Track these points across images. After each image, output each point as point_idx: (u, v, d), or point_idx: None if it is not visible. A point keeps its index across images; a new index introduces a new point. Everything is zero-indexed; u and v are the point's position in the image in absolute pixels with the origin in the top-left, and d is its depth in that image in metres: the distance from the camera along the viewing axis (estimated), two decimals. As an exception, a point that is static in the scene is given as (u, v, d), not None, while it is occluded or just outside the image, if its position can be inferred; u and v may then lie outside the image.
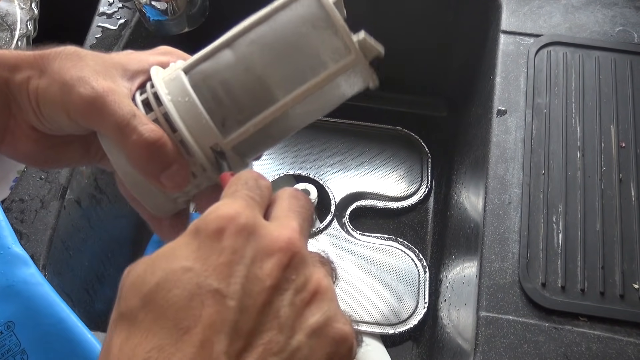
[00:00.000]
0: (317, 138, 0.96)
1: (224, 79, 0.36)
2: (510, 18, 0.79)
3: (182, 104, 0.36)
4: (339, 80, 0.38)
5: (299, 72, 0.36)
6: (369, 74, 0.38)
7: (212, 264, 0.29)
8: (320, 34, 0.37)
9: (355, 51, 0.37)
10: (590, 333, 0.57)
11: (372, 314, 0.81)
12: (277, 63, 0.36)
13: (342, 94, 0.39)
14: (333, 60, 0.37)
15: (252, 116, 0.37)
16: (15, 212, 0.65)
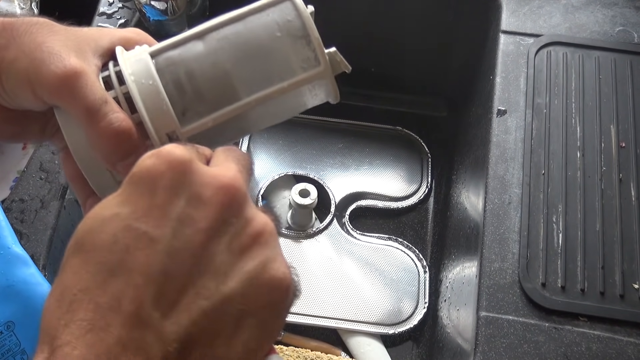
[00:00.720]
0: (317, 138, 0.96)
1: (190, 70, 0.36)
2: (510, 18, 0.79)
3: (145, 86, 0.36)
4: (304, 89, 0.38)
5: (266, 74, 0.37)
6: (333, 88, 0.39)
7: (142, 206, 0.28)
8: (294, 42, 0.37)
9: (324, 63, 0.38)
10: (590, 333, 0.57)
11: (372, 314, 0.81)
12: (246, 62, 0.37)
13: (304, 103, 0.39)
14: (302, 68, 0.37)
15: (213, 110, 0.37)
16: (15, 212, 0.65)
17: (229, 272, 0.28)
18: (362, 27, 0.94)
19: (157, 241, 0.27)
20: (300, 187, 0.85)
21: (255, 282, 0.29)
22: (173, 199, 0.28)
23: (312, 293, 0.82)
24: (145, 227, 0.27)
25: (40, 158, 0.69)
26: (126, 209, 0.28)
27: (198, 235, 0.28)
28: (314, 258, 0.85)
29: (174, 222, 0.28)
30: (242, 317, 0.29)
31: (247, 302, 0.29)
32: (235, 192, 0.29)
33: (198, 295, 0.27)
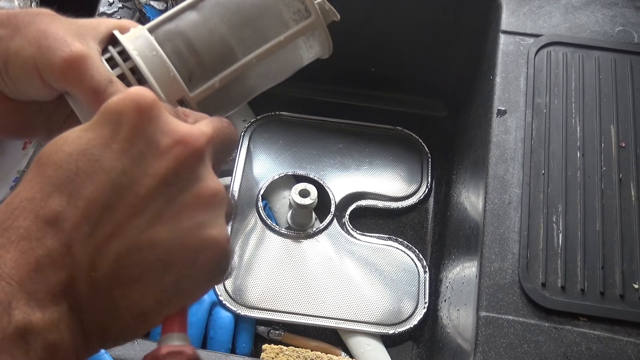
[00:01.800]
0: (317, 138, 0.96)
1: (189, 38, 0.38)
2: (510, 18, 0.79)
3: (150, 58, 0.37)
4: (299, 42, 0.39)
5: (262, 32, 0.38)
6: (327, 38, 0.40)
7: (103, 136, 0.29)
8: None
9: (315, 14, 0.39)
10: (590, 333, 0.57)
11: (372, 314, 0.81)
12: (241, 23, 0.38)
13: (300, 57, 0.41)
14: (294, 21, 0.39)
15: (216, 74, 0.38)
16: (15, 212, 0.65)
17: (162, 222, 0.29)
18: (362, 27, 0.94)
19: (107, 172, 0.28)
20: (300, 187, 0.85)
21: (184, 239, 0.30)
22: (133, 138, 0.29)
23: (312, 293, 0.82)
24: (99, 156, 0.28)
25: (40, 158, 0.69)
26: (88, 134, 0.29)
27: (146, 179, 0.29)
28: (314, 258, 0.85)
29: (127, 160, 0.29)
30: (163, 268, 0.29)
31: (171, 256, 0.29)
32: (193, 149, 0.30)
33: (129, 233, 0.28)
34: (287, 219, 0.89)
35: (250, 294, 0.81)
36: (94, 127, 0.29)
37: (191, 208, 0.30)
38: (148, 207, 0.29)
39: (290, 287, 0.82)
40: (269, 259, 0.84)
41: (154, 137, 0.29)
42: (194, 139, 0.30)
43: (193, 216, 0.30)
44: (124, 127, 0.29)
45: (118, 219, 0.28)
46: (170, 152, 0.29)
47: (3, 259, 0.27)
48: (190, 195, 0.30)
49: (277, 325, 0.81)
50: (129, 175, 0.29)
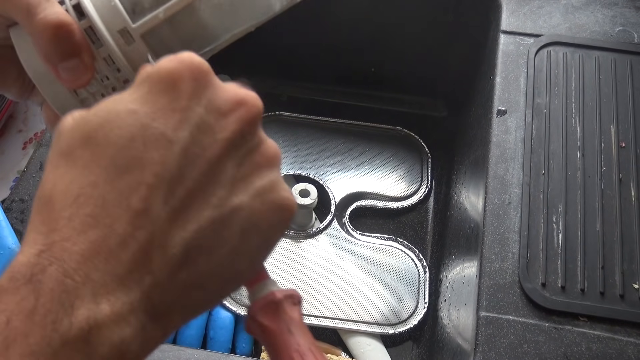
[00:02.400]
0: (317, 138, 0.96)
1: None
2: (510, 18, 0.79)
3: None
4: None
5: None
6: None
7: (161, 107, 0.27)
8: None
9: None
10: (590, 333, 0.57)
11: (372, 314, 0.81)
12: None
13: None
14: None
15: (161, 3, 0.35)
16: (15, 212, 0.65)
17: (240, 185, 0.28)
18: (362, 28, 0.94)
19: (174, 143, 0.27)
20: (300, 187, 0.85)
21: (265, 198, 0.29)
22: (193, 105, 0.27)
23: (312, 293, 0.82)
24: (163, 128, 0.27)
25: (40, 158, 0.69)
26: (144, 107, 0.27)
27: (215, 145, 0.28)
28: (314, 258, 0.85)
29: (192, 127, 0.27)
30: (248, 229, 0.28)
31: (255, 216, 0.29)
32: (255, 110, 0.29)
33: (208, 203, 0.27)
34: (287, 219, 0.89)
35: (250, 294, 0.81)
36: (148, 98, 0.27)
37: (261, 167, 0.29)
38: (222, 174, 0.28)
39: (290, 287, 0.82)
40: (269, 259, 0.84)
41: (215, 102, 0.28)
42: (252, 100, 0.29)
43: (265, 176, 0.29)
44: (182, 95, 0.27)
45: (193, 191, 0.27)
46: (233, 114, 0.28)
47: (68, 252, 0.25)
48: (259, 156, 0.29)
49: (277, 325, 0.81)
50: (198, 143, 0.27)
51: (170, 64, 0.28)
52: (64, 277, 0.24)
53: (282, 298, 0.32)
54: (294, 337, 0.31)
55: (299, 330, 0.32)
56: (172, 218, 0.26)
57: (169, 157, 0.26)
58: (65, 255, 0.24)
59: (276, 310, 0.32)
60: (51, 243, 0.25)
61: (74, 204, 0.25)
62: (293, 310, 0.32)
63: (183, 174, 0.27)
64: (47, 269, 0.24)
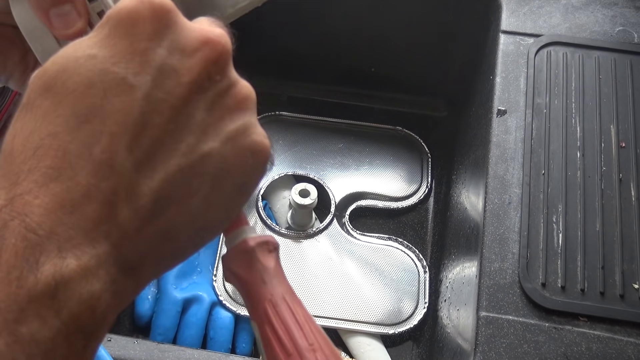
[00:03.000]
0: (317, 138, 0.96)
1: None
2: (510, 18, 0.79)
3: None
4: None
5: None
6: None
7: (121, 50, 0.26)
8: None
9: None
10: (590, 333, 0.57)
11: (372, 314, 0.81)
12: None
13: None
14: None
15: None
16: (15, 212, 0.65)
17: (210, 131, 0.27)
18: (362, 27, 0.94)
19: (136, 88, 0.25)
20: (300, 187, 0.85)
21: (237, 143, 0.28)
22: (155, 47, 0.26)
23: (312, 293, 0.82)
24: (124, 73, 0.25)
25: (40, 158, 0.69)
26: (103, 51, 0.26)
27: (180, 88, 0.26)
28: (314, 258, 0.85)
29: (155, 71, 0.26)
30: (220, 177, 0.27)
31: (226, 162, 0.28)
32: (222, 49, 0.28)
33: (175, 151, 0.26)
34: (287, 219, 0.89)
35: (250, 294, 0.81)
36: (107, 41, 0.26)
37: (233, 111, 0.28)
38: (189, 119, 0.26)
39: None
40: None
41: (178, 42, 0.27)
42: (218, 37, 0.28)
43: (236, 119, 0.28)
44: (142, 36, 0.26)
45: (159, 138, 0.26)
46: (198, 54, 0.27)
47: (30, 206, 0.24)
48: (229, 98, 0.28)
49: (277, 325, 0.81)
50: (162, 87, 0.26)
51: (130, 4, 0.26)
52: (26, 232, 0.23)
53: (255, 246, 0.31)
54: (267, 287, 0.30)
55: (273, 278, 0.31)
56: (138, 168, 0.25)
57: (131, 104, 0.25)
58: (27, 209, 0.23)
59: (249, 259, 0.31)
60: (12, 197, 0.24)
61: (34, 156, 0.24)
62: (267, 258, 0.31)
63: (147, 121, 0.25)
64: (8, 224, 0.23)
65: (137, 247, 0.26)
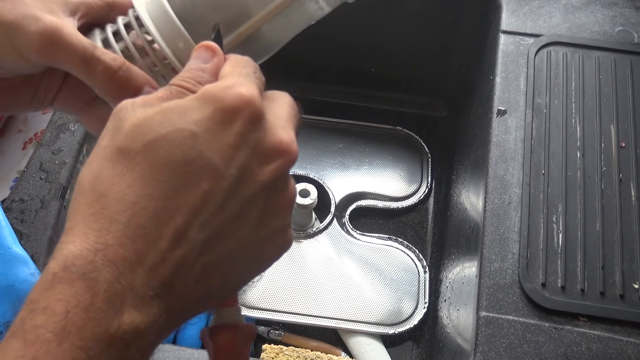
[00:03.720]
0: (317, 138, 0.96)
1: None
2: (510, 18, 0.79)
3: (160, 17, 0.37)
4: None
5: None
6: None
7: (218, 140, 0.29)
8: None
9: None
10: (590, 333, 0.57)
11: (372, 314, 0.81)
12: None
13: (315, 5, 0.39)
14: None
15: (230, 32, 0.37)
16: (15, 212, 0.65)
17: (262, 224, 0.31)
18: (362, 28, 0.94)
19: (224, 178, 0.29)
20: (300, 187, 0.85)
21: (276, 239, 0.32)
22: (245, 145, 0.30)
23: (312, 293, 0.82)
24: (217, 162, 0.29)
25: (40, 158, 0.69)
26: (204, 135, 0.29)
27: (254, 186, 0.30)
28: (314, 258, 0.85)
29: (240, 167, 0.29)
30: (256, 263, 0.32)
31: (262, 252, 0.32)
32: (292, 161, 0.32)
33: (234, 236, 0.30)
34: (287, 219, 0.88)
35: (250, 294, 0.81)
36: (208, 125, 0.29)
37: (281, 211, 0.32)
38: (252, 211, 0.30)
39: (290, 287, 0.82)
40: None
41: (261, 145, 0.30)
42: (292, 151, 0.31)
43: (281, 217, 0.32)
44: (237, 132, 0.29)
45: (229, 222, 0.29)
46: (274, 162, 0.31)
47: (121, 258, 0.27)
48: (282, 198, 0.32)
49: (277, 325, 0.81)
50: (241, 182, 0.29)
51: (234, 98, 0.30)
52: (115, 281, 0.26)
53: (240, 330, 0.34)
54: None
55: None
56: (204, 244, 0.29)
57: (216, 189, 0.29)
58: (118, 260, 0.27)
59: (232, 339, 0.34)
60: (105, 244, 0.27)
61: (129, 210, 0.28)
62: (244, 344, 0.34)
63: (223, 207, 0.29)
64: (102, 269, 0.26)
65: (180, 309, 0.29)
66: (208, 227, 0.29)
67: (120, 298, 0.26)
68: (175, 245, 0.28)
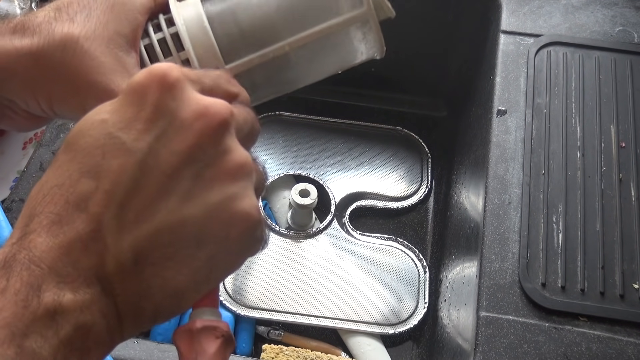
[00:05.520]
0: (317, 138, 0.96)
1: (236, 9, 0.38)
2: (510, 18, 0.79)
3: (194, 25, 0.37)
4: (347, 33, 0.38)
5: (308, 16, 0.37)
6: (378, 35, 0.38)
7: (127, 118, 0.29)
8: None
9: (367, 4, 0.37)
10: (590, 333, 0.57)
11: (372, 314, 0.81)
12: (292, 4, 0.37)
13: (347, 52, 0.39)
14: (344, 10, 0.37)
15: (257, 49, 0.37)
16: (15, 212, 0.65)
17: (192, 198, 0.29)
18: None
19: (132, 153, 0.28)
20: (300, 187, 0.85)
21: (215, 214, 0.30)
22: (156, 117, 0.29)
23: (312, 293, 0.82)
24: (125, 138, 0.28)
25: (40, 158, 0.69)
26: (113, 117, 0.29)
27: (172, 157, 0.29)
28: (314, 258, 0.85)
29: (151, 139, 0.29)
30: (196, 245, 0.29)
31: (203, 232, 0.29)
32: (217, 120, 0.30)
33: (158, 213, 0.29)
34: (287, 219, 0.89)
35: (250, 294, 0.81)
36: (118, 108, 0.29)
37: (219, 181, 0.30)
38: (176, 186, 0.29)
39: (290, 287, 0.82)
40: (269, 259, 0.84)
41: (177, 113, 0.29)
42: (215, 110, 0.30)
43: (222, 190, 0.30)
44: (147, 105, 0.29)
45: (146, 200, 0.28)
46: (193, 126, 0.29)
47: (34, 242, 0.27)
48: (218, 168, 0.30)
49: (277, 325, 0.81)
50: (154, 155, 0.28)
51: (140, 76, 0.29)
52: (30, 264, 0.27)
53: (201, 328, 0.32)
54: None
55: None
56: (123, 226, 0.28)
57: (125, 167, 0.28)
58: (32, 245, 0.27)
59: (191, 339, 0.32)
60: (22, 235, 0.28)
61: (42, 201, 0.28)
62: (210, 343, 0.32)
63: (138, 184, 0.28)
64: (16, 256, 0.27)
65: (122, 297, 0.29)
66: (125, 206, 0.28)
67: (38, 279, 0.27)
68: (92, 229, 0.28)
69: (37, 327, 0.26)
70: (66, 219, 0.28)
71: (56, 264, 0.27)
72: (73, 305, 0.27)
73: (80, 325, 0.27)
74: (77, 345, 0.27)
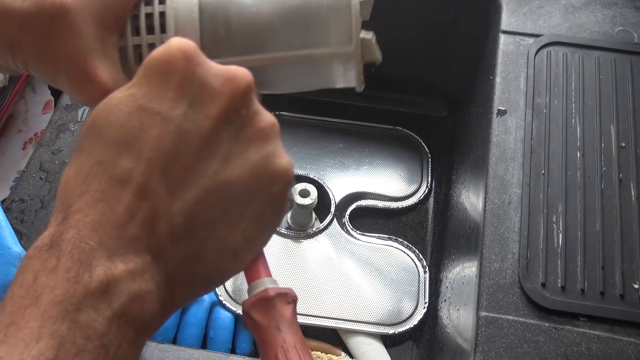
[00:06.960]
0: (317, 138, 0.96)
1: (230, 11, 0.37)
2: (510, 18, 0.79)
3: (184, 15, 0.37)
4: (329, 64, 0.39)
5: (298, 37, 0.38)
6: (359, 74, 0.39)
7: (156, 89, 0.29)
8: (335, 14, 0.38)
9: (356, 45, 0.39)
10: (590, 333, 0.57)
11: (372, 314, 0.81)
12: (287, 20, 0.37)
13: (325, 79, 0.40)
14: (333, 43, 0.38)
15: (238, 54, 0.37)
16: (15, 212, 0.65)
17: (234, 159, 0.30)
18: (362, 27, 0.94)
19: (169, 121, 0.28)
20: (300, 187, 0.85)
21: (258, 172, 0.31)
22: (186, 84, 0.29)
23: (312, 293, 0.82)
24: (159, 108, 0.29)
25: (40, 158, 0.69)
26: (141, 90, 0.29)
27: (208, 121, 0.29)
28: (314, 258, 0.85)
29: (185, 106, 0.29)
30: (243, 205, 0.30)
31: (248, 191, 0.30)
32: (245, 84, 0.30)
33: (203, 177, 0.29)
34: (287, 219, 0.89)
35: (250, 294, 0.81)
36: (144, 82, 0.29)
37: (256, 141, 0.31)
38: (215, 149, 0.29)
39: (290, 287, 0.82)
40: (269, 259, 0.84)
41: (206, 79, 0.30)
42: (241, 74, 0.31)
43: (259, 148, 0.31)
44: (174, 75, 0.29)
45: (189, 165, 0.29)
46: (223, 90, 0.30)
47: (82, 222, 0.27)
48: (252, 128, 0.31)
49: (277, 325, 0.81)
50: (191, 120, 0.29)
51: (162, 49, 0.30)
52: (79, 242, 0.27)
53: (275, 295, 0.33)
54: (280, 334, 0.32)
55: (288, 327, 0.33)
56: (171, 190, 0.28)
57: (165, 134, 0.28)
58: (80, 224, 0.27)
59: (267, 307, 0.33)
60: (66, 216, 0.28)
61: (84, 182, 0.28)
62: (285, 308, 0.33)
63: (179, 150, 0.29)
64: (64, 235, 0.27)
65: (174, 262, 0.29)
66: (169, 172, 0.28)
67: (88, 256, 0.27)
68: (140, 199, 0.28)
69: (90, 301, 0.26)
70: (112, 193, 0.28)
71: (106, 239, 0.27)
72: (125, 274, 0.27)
73: (134, 294, 0.27)
74: (131, 316, 0.27)
